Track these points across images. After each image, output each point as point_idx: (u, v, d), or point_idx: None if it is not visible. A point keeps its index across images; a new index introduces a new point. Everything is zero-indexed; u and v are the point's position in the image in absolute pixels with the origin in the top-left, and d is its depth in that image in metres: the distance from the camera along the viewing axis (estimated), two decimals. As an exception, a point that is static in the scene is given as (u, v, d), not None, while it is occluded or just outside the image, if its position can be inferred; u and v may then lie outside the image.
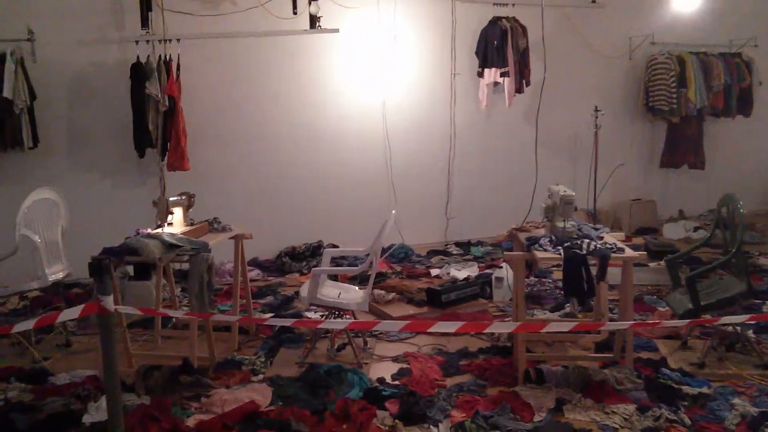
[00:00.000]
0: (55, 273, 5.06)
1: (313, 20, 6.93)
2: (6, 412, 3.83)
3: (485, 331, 4.67)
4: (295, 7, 6.93)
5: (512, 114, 8.02)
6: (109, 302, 3.08)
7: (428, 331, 3.10)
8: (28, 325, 3.34)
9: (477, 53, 7.77)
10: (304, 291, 4.65)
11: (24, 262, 5.01)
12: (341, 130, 7.61)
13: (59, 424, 3.74)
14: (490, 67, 7.61)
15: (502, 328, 3.81)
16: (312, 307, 5.49)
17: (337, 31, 7.16)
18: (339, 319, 4.93)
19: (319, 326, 3.42)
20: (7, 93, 6.21)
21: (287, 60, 7.34)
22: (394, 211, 4.80)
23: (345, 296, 4.71)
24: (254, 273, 6.81)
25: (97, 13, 6.71)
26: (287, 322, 3.51)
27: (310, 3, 6.86)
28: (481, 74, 7.76)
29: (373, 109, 7.68)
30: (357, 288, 4.98)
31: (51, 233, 5.10)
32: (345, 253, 5.82)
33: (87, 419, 3.76)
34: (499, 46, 7.50)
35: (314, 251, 7.18)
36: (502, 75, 7.57)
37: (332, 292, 4.76)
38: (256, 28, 7.05)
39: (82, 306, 3.15)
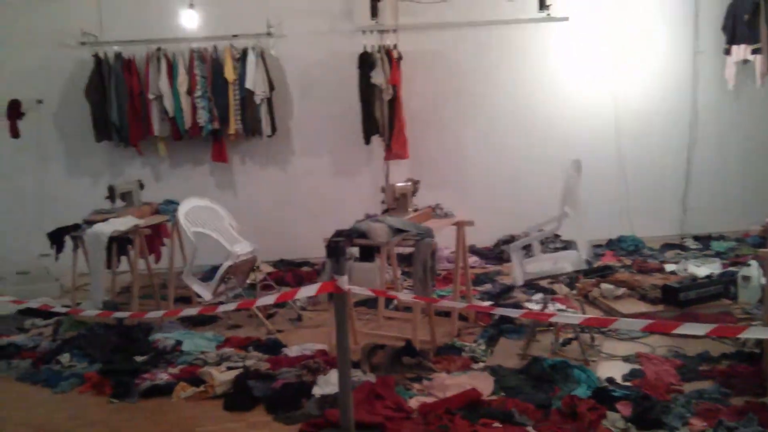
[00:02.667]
0: (243, 250, 5.38)
1: (543, 2, 6.69)
2: (245, 379, 4.13)
3: (739, 336, 4.17)
4: (523, -13, 6.74)
5: (765, 94, 7.16)
6: (343, 282, 3.17)
7: (672, 332, 2.78)
8: (270, 300, 3.53)
9: (724, 29, 7.06)
10: (513, 273, 4.47)
11: (209, 254, 5.49)
12: (566, 115, 7.30)
13: (292, 393, 3.94)
14: (738, 43, 6.90)
15: (759, 333, 3.35)
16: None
17: (566, 19, 6.90)
18: (569, 313, 4.67)
19: (550, 320, 3.23)
20: (249, 84, 6.73)
21: (510, 47, 7.19)
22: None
23: (561, 263, 4.45)
24: (472, 260, 6.74)
25: (329, 5, 7.04)
26: (515, 313, 3.36)
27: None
28: (728, 51, 7.03)
29: (603, 94, 7.27)
30: (576, 252, 4.65)
31: (222, 227, 5.55)
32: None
33: (317, 391, 3.93)
34: (750, 21, 6.75)
35: (534, 240, 6.96)
36: (754, 52, 6.80)
37: (545, 264, 4.52)
38: (480, 16, 6.97)
39: (318, 284, 3.27)
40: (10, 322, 5.59)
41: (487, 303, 5.44)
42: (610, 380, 4.01)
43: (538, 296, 5.54)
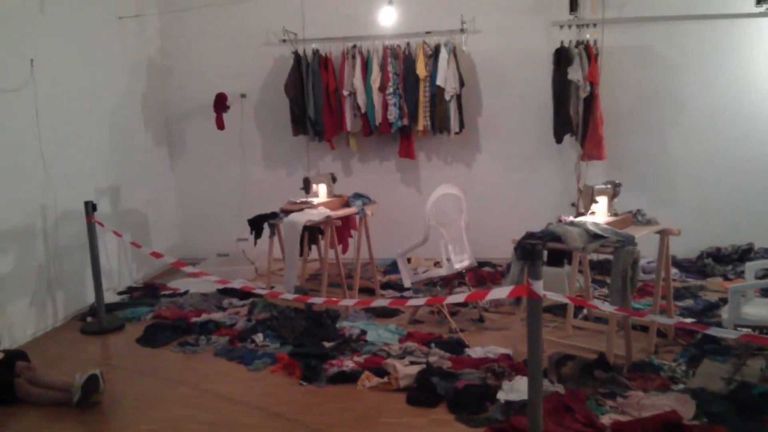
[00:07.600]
0: (461, 261, 5.29)
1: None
2: (428, 375, 4.10)
3: None
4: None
5: None
6: (539, 287, 3.03)
7: None
8: (459, 298, 3.48)
9: None
10: (724, 312, 4.05)
11: (433, 248, 5.41)
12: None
13: (476, 395, 3.85)
14: None
15: None
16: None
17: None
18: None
19: (777, 343, 2.88)
20: (440, 81, 6.72)
21: (726, 43, 6.56)
22: None
23: None
24: (672, 272, 6.26)
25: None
26: (731, 335, 3.03)
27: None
28: None
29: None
30: None
31: (455, 226, 5.36)
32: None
33: (501, 396, 3.81)
34: None
35: (743, 255, 6.32)
36: None
37: (763, 310, 4.04)
38: (692, 9, 6.48)
39: (511, 287, 3.16)
40: (211, 300, 6.01)
41: (689, 320, 5.02)
42: (830, 415, 3.54)
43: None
